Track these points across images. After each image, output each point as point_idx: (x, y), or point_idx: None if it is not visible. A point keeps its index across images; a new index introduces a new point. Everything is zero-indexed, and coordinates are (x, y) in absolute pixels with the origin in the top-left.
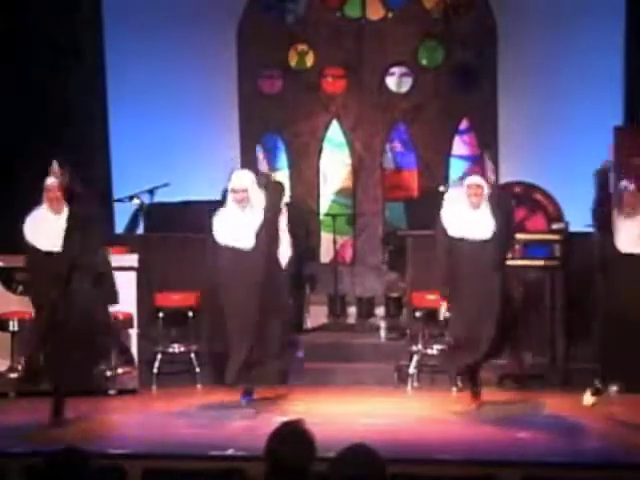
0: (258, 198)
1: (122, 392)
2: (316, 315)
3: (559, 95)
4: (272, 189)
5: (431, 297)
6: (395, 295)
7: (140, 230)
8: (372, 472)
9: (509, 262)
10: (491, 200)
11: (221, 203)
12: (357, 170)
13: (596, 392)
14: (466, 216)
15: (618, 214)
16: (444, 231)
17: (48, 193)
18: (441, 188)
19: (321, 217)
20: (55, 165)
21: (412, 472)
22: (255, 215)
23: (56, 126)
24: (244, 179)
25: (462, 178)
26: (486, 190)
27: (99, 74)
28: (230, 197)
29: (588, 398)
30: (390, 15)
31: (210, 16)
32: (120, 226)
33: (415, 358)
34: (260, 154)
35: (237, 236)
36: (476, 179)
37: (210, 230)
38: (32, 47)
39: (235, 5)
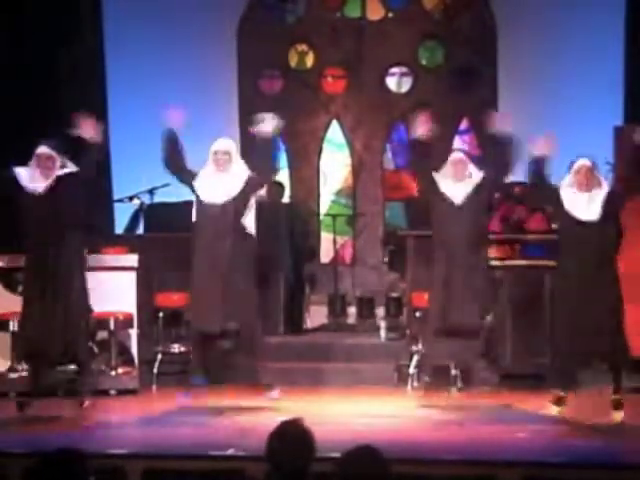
0: (240, 166)
1: (122, 392)
2: (316, 315)
3: (559, 95)
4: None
5: None
6: (395, 295)
7: (140, 230)
8: (376, 473)
9: (509, 262)
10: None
11: None
12: (357, 170)
13: (558, 400)
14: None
15: (573, 188)
16: None
17: (38, 161)
18: None
19: (321, 217)
20: (44, 148)
21: (411, 472)
22: (235, 180)
23: (55, 128)
24: (228, 143)
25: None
26: (470, 165)
27: (98, 75)
28: (210, 159)
29: (554, 409)
30: (390, 15)
31: (210, 16)
32: (120, 226)
33: (415, 358)
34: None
35: (214, 192)
36: (459, 154)
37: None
38: (32, 42)
39: (235, 5)
